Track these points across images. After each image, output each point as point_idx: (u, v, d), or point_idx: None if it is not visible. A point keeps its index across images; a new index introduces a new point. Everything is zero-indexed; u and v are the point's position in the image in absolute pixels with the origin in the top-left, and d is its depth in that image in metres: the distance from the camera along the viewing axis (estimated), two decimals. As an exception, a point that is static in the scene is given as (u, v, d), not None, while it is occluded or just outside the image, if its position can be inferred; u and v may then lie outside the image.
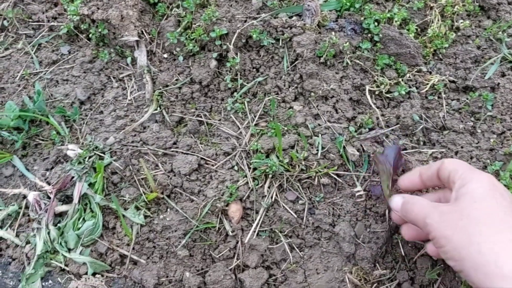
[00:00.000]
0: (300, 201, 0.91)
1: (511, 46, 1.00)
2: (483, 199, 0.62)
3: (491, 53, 0.99)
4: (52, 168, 0.97)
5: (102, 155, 0.95)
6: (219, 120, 1.00)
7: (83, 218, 0.91)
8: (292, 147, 0.92)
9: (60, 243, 0.89)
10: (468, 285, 0.82)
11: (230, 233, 0.90)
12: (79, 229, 0.89)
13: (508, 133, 0.93)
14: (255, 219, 0.90)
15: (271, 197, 0.91)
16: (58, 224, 0.90)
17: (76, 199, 0.91)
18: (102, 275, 0.88)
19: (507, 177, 0.88)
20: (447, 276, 0.85)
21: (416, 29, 1.01)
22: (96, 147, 0.96)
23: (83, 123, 1.01)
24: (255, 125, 0.97)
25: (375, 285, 0.86)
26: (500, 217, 0.60)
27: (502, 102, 0.94)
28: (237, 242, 0.90)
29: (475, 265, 0.58)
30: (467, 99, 0.96)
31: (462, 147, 0.94)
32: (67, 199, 0.94)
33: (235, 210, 0.90)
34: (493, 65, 0.97)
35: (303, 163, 0.90)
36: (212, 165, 0.95)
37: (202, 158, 0.96)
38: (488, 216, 0.60)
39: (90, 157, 0.95)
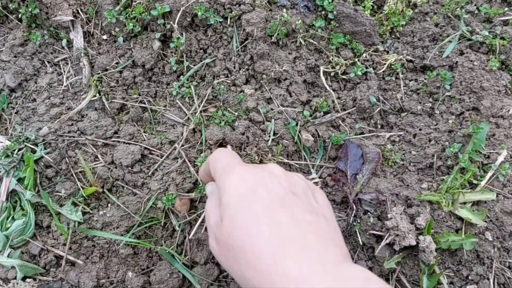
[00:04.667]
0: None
1: (469, 23, 0.96)
2: (239, 220, 0.51)
3: (449, 31, 0.95)
4: (-22, 163, 0.87)
5: (34, 147, 0.86)
6: (164, 106, 0.92)
7: (12, 217, 0.82)
8: (243, 134, 0.86)
9: (-14, 246, 0.80)
10: (427, 274, 0.78)
11: (177, 228, 0.83)
12: (7, 229, 0.81)
13: (467, 114, 0.89)
14: (204, 212, 0.83)
15: (221, 188, 0.84)
16: (-16, 225, 0.81)
17: (3, 196, 0.82)
18: (35, 279, 0.80)
19: (466, 159, 0.84)
20: (406, 265, 0.81)
21: (372, 6, 0.95)
22: (27, 138, 0.87)
23: (13, 112, 0.92)
24: (204, 110, 0.90)
25: (331, 277, 0.81)
26: (257, 239, 0.49)
27: (461, 81, 0.90)
28: (185, 238, 0.83)
29: None
30: (425, 79, 0.92)
31: (420, 130, 0.90)
32: (-6, 197, 0.84)
33: (181, 203, 0.83)
34: (451, 43, 0.93)
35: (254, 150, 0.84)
36: (157, 155, 0.88)
37: (145, 148, 0.88)
38: (248, 241, 0.49)
39: (19, 149, 0.85)
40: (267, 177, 0.56)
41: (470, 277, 0.80)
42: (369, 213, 0.84)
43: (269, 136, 0.85)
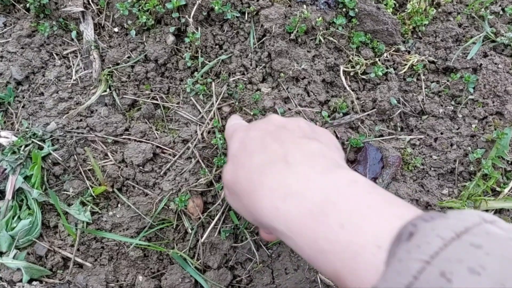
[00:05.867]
0: (268, 194, 0.82)
1: (493, 24, 0.92)
2: (233, 172, 0.54)
3: (472, 32, 0.92)
4: (-18, 158, 0.84)
5: (42, 143, 0.83)
6: (178, 103, 0.88)
7: (18, 216, 0.79)
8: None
9: (-9, 246, 0.77)
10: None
11: (190, 231, 0.80)
12: (13, 229, 0.77)
13: (490, 118, 0.86)
14: (217, 215, 0.80)
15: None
16: (-12, 224, 0.78)
17: (9, 194, 0.78)
18: (41, 281, 0.77)
19: (489, 165, 0.81)
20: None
21: (394, 4, 0.92)
22: (34, 134, 0.83)
23: (20, 106, 0.88)
24: (218, 109, 0.86)
25: (349, 285, 0.78)
26: (241, 186, 0.50)
27: (484, 84, 0.87)
28: (197, 241, 0.80)
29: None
30: (448, 81, 0.89)
31: (441, 133, 0.87)
32: (-1, 195, 0.81)
33: (195, 205, 0.80)
34: (475, 45, 0.90)
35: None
36: (169, 154, 0.85)
37: (157, 146, 0.85)
38: (239, 177, 0.51)
39: (26, 145, 0.82)
40: (261, 121, 0.58)
41: None
42: (388, 219, 0.81)
43: (287, 137, 0.82)
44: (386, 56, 0.90)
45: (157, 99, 0.88)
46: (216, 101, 0.86)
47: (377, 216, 0.38)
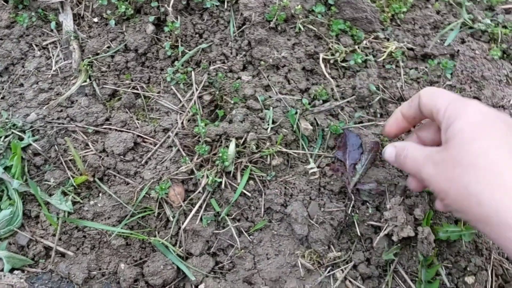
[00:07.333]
0: (250, 181, 0.83)
1: (471, 11, 0.94)
2: (473, 139, 0.53)
3: (450, 18, 0.93)
4: (-38, 150, 0.84)
5: (22, 134, 0.82)
6: (158, 92, 0.89)
7: (-1, 207, 0.79)
8: (242, 122, 0.83)
9: (-29, 237, 0.77)
10: (425, 266, 0.77)
11: (171, 219, 0.81)
12: (-6, 219, 0.77)
13: (468, 104, 0.88)
14: (199, 203, 0.81)
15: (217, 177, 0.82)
16: (-31, 215, 0.78)
17: (-11, 185, 0.78)
18: (23, 271, 0.77)
19: (466, 149, 0.83)
20: (404, 256, 0.80)
21: (373, -8, 0.93)
22: (14, 125, 0.83)
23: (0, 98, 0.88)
24: (199, 97, 0.87)
25: (329, 268, 0.80)
26: (497, 156, 0.51)
27: (462, 70, 0.88)
28: (179, 229, 0.81)
29: (477, 218, 0.51)
30: (426, 67, 0.90)
31: (420, 119, 0.88)
32: (-20, 186, 0.81)
33: (176, 193, 0.80)
34: (452, 31, 0.91)
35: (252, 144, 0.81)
36: (150, 144, 0.85)
37: (138, 136, 0.85)
38: (483, 158, 0.51)
39: (6, 136, 0.82)
40: (504, 114, 0.57)
41: (468, 268, 0.79)
42: (367, 203, 0.82)
43: (268, 125, 0.82)
44: (366, 44, 0.91)
45: (137, 89, 0.88)
46: (196, 90, 0.86)
47: None
